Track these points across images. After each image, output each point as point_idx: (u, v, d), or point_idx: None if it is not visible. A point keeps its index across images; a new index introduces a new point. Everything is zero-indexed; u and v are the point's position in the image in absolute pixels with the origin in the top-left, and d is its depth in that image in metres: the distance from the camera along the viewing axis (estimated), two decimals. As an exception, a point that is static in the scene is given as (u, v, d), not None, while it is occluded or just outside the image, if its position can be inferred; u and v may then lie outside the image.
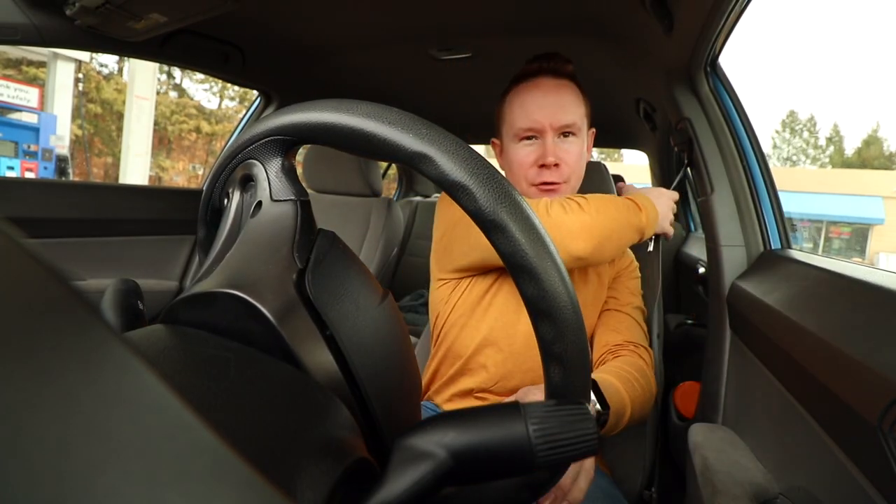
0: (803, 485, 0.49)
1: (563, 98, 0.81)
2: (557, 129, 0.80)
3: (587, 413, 0.26)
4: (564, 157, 0.81)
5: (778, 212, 0.86)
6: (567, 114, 0.81)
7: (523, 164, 0.83)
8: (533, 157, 0.81)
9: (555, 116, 0.80)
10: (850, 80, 58.91)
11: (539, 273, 0.25)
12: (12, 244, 0.12)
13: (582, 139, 0.83)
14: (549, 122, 0.80)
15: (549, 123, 0.80)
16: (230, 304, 0.26)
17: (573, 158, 0.82)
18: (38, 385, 0.09)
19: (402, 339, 0.32)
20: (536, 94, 0.81)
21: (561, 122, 0.80)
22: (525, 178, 0.83)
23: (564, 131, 0.81)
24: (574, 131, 0.82)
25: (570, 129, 0.81)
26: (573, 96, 0.82)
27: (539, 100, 0.80)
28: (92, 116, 13.55)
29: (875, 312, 0.43)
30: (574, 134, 0.82)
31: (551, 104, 0.80)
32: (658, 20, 0.83)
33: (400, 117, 0.27)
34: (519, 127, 0.81)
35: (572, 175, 0.82)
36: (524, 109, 0.81)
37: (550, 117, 0.80)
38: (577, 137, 0.82)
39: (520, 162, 0.83)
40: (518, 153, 0.83)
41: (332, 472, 0.20)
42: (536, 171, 0.82)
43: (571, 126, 0.81)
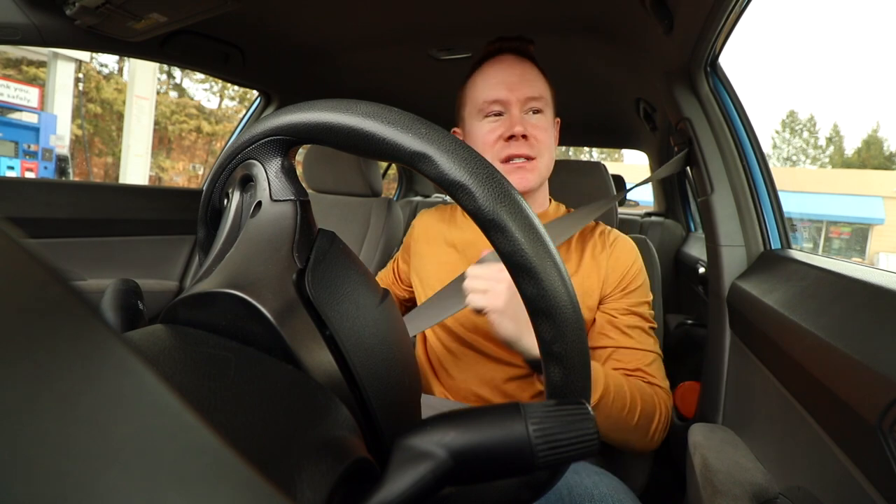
0: (803, 485, 0.49)
1: (527, 72, 0.77)
2: (523, 101, 0.76)
3: (587, 413, 0.26)
4: (532, 130, 0.75)
5: (778, 212, 0.86)
6: (533, 87, 0.76)
7: (487, 140, 0.77)
8: (499, 131, 0.76)
9: (520, 89, 0.75)
10: (850, 80, 58.93)
11: (538, 272, 0.25)
12: (12, 244, 0.12)
13: (549, 119, 0.78)
14: (515, 94, 0.75)
15: (516, 96, 0.75)
16: (230, 304, 0.26)
17: (542, 134, 0.76)
18: (38, 385, 0.09)
19: (402, 339, 0.32)
20: (500, 67, 0.77)
21: (526, 93, 0.75)
22: (490, 156, 0.76)
23: (532, 106, 0.76)
24: (541, 107, 0.77)
25: (536, 102, 0.76)
26: (537, 73, 0.79)
27: (502, 73, 0.76)
28: (92, 116, 13.55)
29: (875, 312, 0.43)
30: (541, 111, 0.77)
31: (516, 76, 0.76)
32: (658, 20, 0.83)
33: (399, 117, 0.27)
34: (483, 100, 0.76)
35: (544, 152, 0.77)
36: (486, 83, 0.77)
37: (516, 89, 0.75)
38: (544, 115, 0.78)
39: (483, 139, 0.77)
40: (482, 129, 0.77)
41: (332, 472, 0.20)
42: (503, 145, 0.75)
43: (538, 99, 0.76)
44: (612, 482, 0.63)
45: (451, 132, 0.82)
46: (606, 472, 0.66)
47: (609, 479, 0.64)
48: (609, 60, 1.21)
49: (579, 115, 1.80)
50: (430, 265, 0.86)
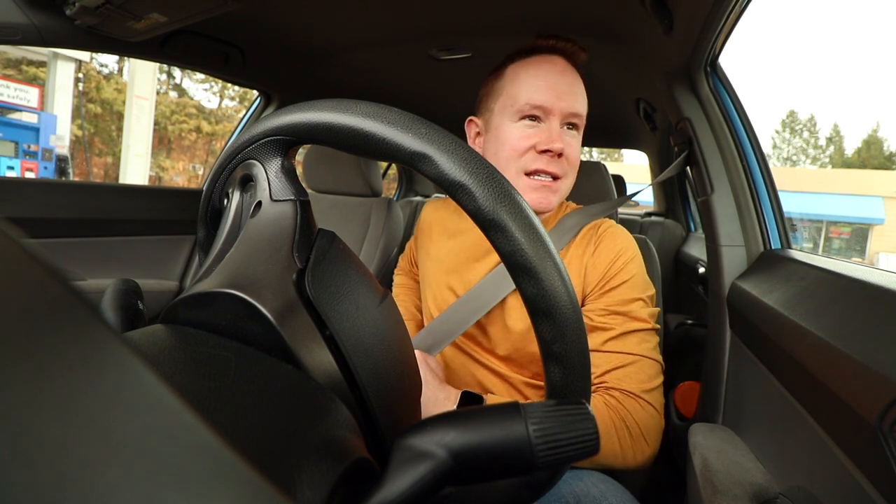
0: (803, 485, 0.49)
1: (577, 85, 0.72)
2: (566, 115, 0.70)
3: (587, 413, 0.26)
4: (569, 149, 0.70)
5: (778, 212, 0.86)
6: (579, 102, 0.71)
7: (518, 147, 0.69)
8: (534, 140, 0.69)
9: (568, 100, 0.69)
10: (850, 80, 58.94)
11: (538, 272, 0.25)
12: (12, 244, 0.12)
13: (580, 137, 0.74)
14: (562, 105, 0.69)
15: (561, 107, 0.69)
16: (230, 304, 0.26)
17: (575, 154, 0.72)
18: (38, 385, 0.09)
19: (402, 339, 0.32)
20: (551, 69, 0.70)
21: (572, 108, 0.69)
22: (516, 165, 0.70)
23: (571, 121, 0.71)
24: (579, 124, 0.72)
25: (577, 119, 0.71)
26: (582, 87, 0.73)
27: (554, 77, 0.69)
28: (92, 116, 13.56)
29: (875, 312, 0.43)
30: (578, 128, 0.73)
31: (567, 85, 0.70)
32: (658, 20, 0.83)
33: (399, 117, 0.27)
34: (525, 102, 0.69)
35: (570, 173, 0.72)
36: (533, 83, 0.69)
37: (564, 99, 0.69)
38: (579, 132, 0.73)
39: (514, 144, 0.69)
40: (514, 132, 0.70)
41: (332, 472, 0.20)
42: (534, 157, 0.69)
43: (579, 118, 0.71)
44: (613, 487, 0.63)
45: (467, 121, 0.80)
46: (607, 475, 0.66)
47: (611, 483, 0.63)
48: (609, 60, 1.21)
49: None
50: (431, 258, 0.84)
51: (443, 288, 0.80)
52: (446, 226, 0.85)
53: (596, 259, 0.70)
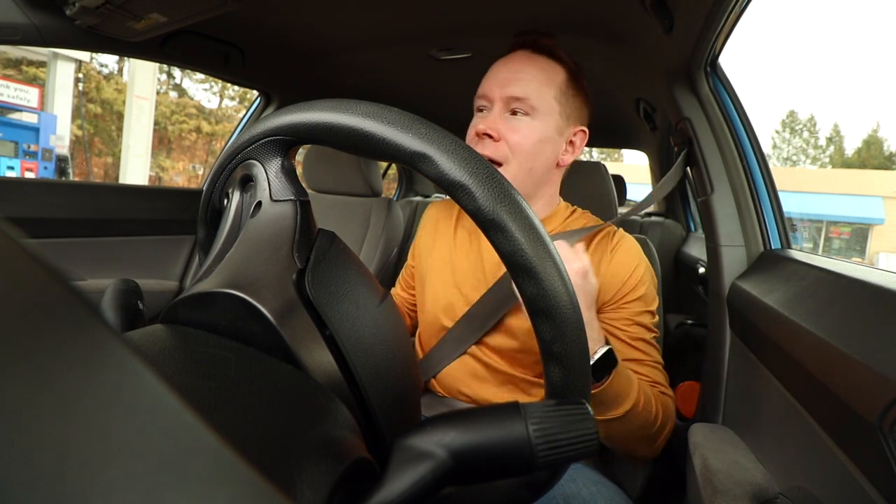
0: (803, 485, 0.49)
1: (523, 70, 0.71)
2: (506, 100, 0.70)
3: (587, 413, 0.26)
4: (507, 133, 0.69)
5: (778, 212, 0.86)
6: (519, 85, 0.70)
7: (469, 135, 0.73)
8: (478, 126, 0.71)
9: (504, 86, 0.70)
10: (850, 80, 58.96)
11: (538, 272, 0.25)
12: (12, 244, 0.12)
13: (540, 122, 0.71)
14: (499, 91, 0.70)
15: (499, 93, 0.70)
16: (230, 304, 0.26)
17: (518, 139, 0.69)
18: (38, 385, 0.09)
19: (402, 339, 0.32)
20: (503, 62, 0.74)
21: (511, 92, 0.69)
22: None
23: (515, 107, 0.70)
24: (525, 109, 0.70)
25: (520, 103, 0.70)
26: (539, 72, 0.71)
27: (497, 69, 0.73)
28: (92, 116, 13.56)
29: (875, 312, 0.43)
30: (526, 113, 0.70)
31: (510, 73, 0.71)
32: (658, 20, 0.83)
33: (399, 117, 0.27)
34: (477, 95, 0.74)
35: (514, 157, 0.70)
36: (486, 78, 0.74)
37: (502, 86, 0.70)
38: (531, 119, 0.70)
39: (469, 133, 0.74)
40: (472, 123, 0.74)
41: (332, 472, 0.20)
42: (475, 142, 0.71)
43: (521, 100, 0.69)
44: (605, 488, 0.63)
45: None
46: (604, 478, 0.66)
47: (603, 485, 0.63)
48: (609, 60, 1.21)
49: None
50: (434, 260, 0.82)
51: (449, 291, 0.78)
52: (450, 231, 0.84)
53: (616, 268, 0.72)
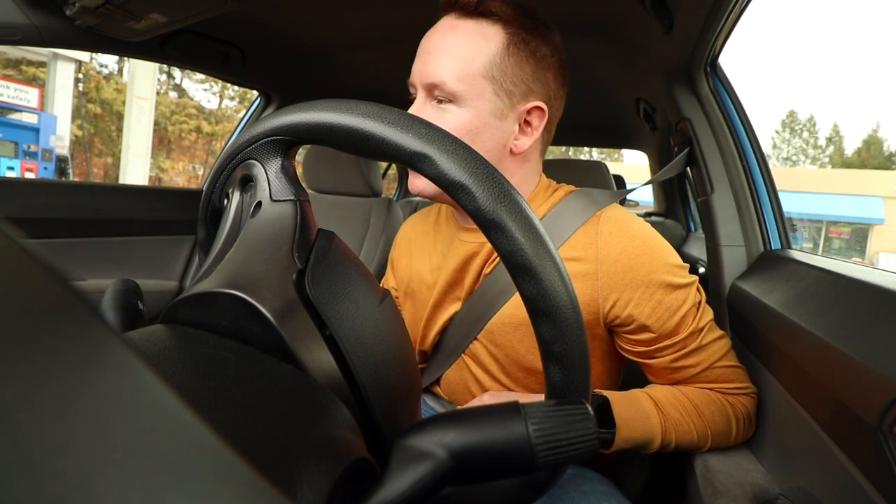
0: (803, 485, 0.49)
1: (443, 44, 0.57)
2: (426, 87, 0.58)
3: (587, 413, 0.26)
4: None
5: (778, 212, 0.86)
6: (434, 67, 0.56)
7: None
8: None
9: (422, 69, 0.58)
10: (851, 80, 58.95)
11: (538, 272, 0.25)
12: (12, 244, 0.12)
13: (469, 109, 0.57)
14: (417, 75, 0.59)
15: (421, 80, 0.59)
16: (230, 304, 0.26)
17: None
18: (38, 385, 0.09)
19: (402, 339, 0.32)
20: (424, 38, 0.60)
21: (425, 77, 0.57)
22: None
23: (437, 95, 0.57)
24: (446, 96, 0.57)
25: (438, 90, 0.57)
26: (462, 43, 0.56)
27: (421, 45, 0.60)
28: (92, 116, 13.57)
29: (875, 312, 0.43)
30: (450, 101, 0.57)
31: (425, 51, 0.59)
32: (658, 20, 0.83)
33: (399, 117, 0.27)
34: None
35: None
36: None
37: (418, 69, 0.59)
38: (458, 106, 0.57)
39: None
40: None
41: (332, 472, 0.20)
42: None
43: (438, 87, 0.56)
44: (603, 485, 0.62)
45: None
46: (603, 476, 0.66)
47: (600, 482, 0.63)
48: (609, 60, 1.21)
49: (579, 115, 1.80)
50: (415, 279, 0.75)
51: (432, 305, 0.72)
52: (428, 247, 0.76)
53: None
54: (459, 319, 0.69)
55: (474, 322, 0.67)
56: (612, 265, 0.59)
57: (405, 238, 0.81)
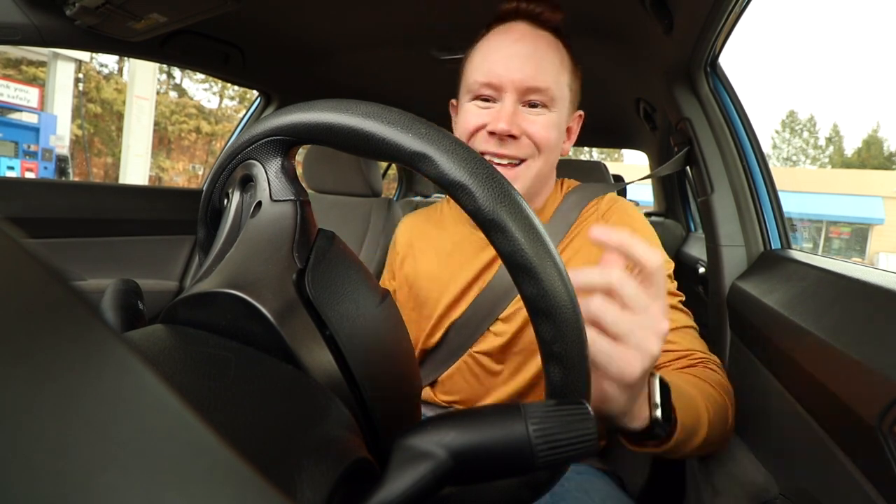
0: (803, 485, 0.49)
1: (538, 51, 0.60)
2: (522, 90, 0.60)
3: (587, 413, 0.26)
4: (529, 127, 0.61)
5: (778, 212, 0.86)
6: (539, 73, 0.60)
7: (467, 127, 0.63)
8: (483, 119, 0.62)
9: (521, 72, 0.59)
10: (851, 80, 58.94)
11: (538, 272, 0.25)
12: (12, 244, 0.12)
13: (558, 114, 0.62)
14: (513, 78, 0.60)
15: (512, 81, 0.60)
16: (230, 304, 0.26)
17: (539, 133, 0.61)
18: (38, 385, 0.09)
19: (402, 339, 0.32)
20: (504, 41, 0.62)
21: (528, 81, 0.59)
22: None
23: (532, 99, 0.61)
24: (545, 101, 0.61)
25: (539, 94, 0.60)
26: (554, 54, 0.61)
27: (505, 48, 0.61)
28: (92, 116, 13.57)
29: (875, 312, 0.43)
30: (545, 105, 0.61)
31: (519, 55, 0.60)
32: (658, 20, 0.83)
33: (399, 117, 0.27)
34: (473, 80, 0.63)
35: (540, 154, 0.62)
36: (484, 58, 0.62)
37: (515, 72, 0.60)
38: (550, 110, 0.62)
39: (464, 125, 0.64)
40: (467, 112, 0.64)
41: (332, 472, 0.20)
42: (483, 138, 0.62)
43: (542, 91, 0.60)
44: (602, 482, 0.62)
45: (450, 104, 0.76)
46: (603, 472, 0.66)
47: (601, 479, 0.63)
48: (609, 60, 1.21)
49: None
50: (422, 277, 0.74)
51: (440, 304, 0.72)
52: (436, 244, 0.76)
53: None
54: (466, 318, 0.70)
55: (481, 321, 0.68)
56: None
57: (405, 238, 0.80)
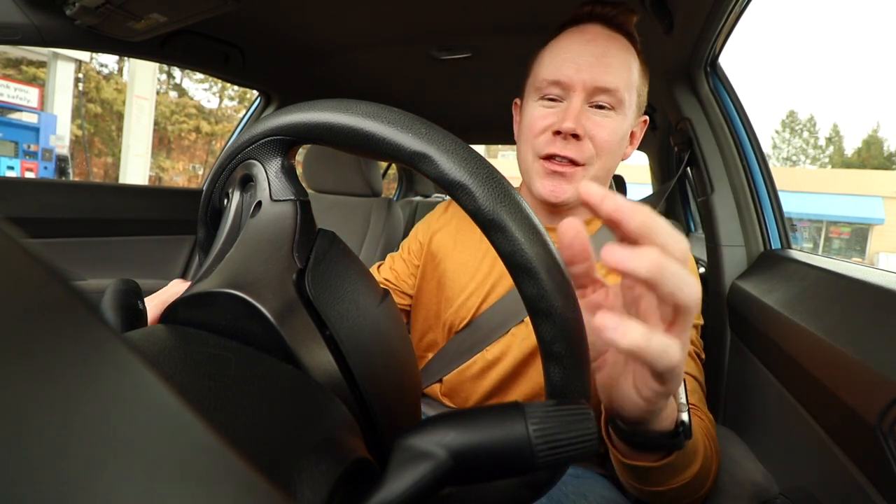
0: (803, 485, 0.49)
1: (609, 52, 0.60)
2: (591, 90, 0.60)
3: (587, 413, 0.26)
4: (593, 129, 0.60)
5: (778, 212, 0.87)
6: (609, 73, 0.59)
7: (533, 126, 0.62)
8: (549, 119, 0.61)
9: (591, 72, 0.59)
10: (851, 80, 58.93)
11: (538, 272, 0.25)
12: (12, 244, 0.12)
13: (624, 118, 0.61)
14: (582, 77, 0.59)
15: (582, 80, 0.59)
16: (230, 304, 0.26)
17: (604, 136, 0.60)
18: (38, 385, 0.09)
19: (401, 339, 0.32)
20: (576, 41, 0.61)
21: (598, 81, 0.59)
22: (532, 147, 0.63)
23: (599, 100, 0.60)
24: (613, 103, 0.60)
25: (607, 95, 0.59)
26: (626, 56, 0.61)
27: (576, 48, 0.61)
28: (92, 116, 13.56)
29: (875, 312, 0.43)
30: (612, 108, 0.60)
31: (590, 55, 0.60)
32: (658, 20, 0.83)
33: (399, 117, 0.27)
34: (542, 78, 0.62)
35: (599, 158, 0.61)
36: (554, 57, 0.62)
37: (584, 71, 0.59)
38: (617, 113, 0.61)
39: (530, 125, 0.63)
40: (532, 113, 0.63)
41: (332, 472, 0.20)
42: (549, 139, 0.61)
43: (611, 92, 0.59)
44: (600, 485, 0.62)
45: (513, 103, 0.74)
46: (601, 475, 0.66)
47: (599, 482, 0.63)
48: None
49: None
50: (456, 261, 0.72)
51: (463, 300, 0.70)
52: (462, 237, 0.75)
53: None
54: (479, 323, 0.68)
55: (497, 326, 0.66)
56: None
57: (435, 235, 0.77)
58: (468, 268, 0.71)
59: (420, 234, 0.80)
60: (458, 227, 0.76)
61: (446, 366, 0.71)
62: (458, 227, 0.76)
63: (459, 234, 0.75)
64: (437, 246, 0.76)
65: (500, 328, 0.66)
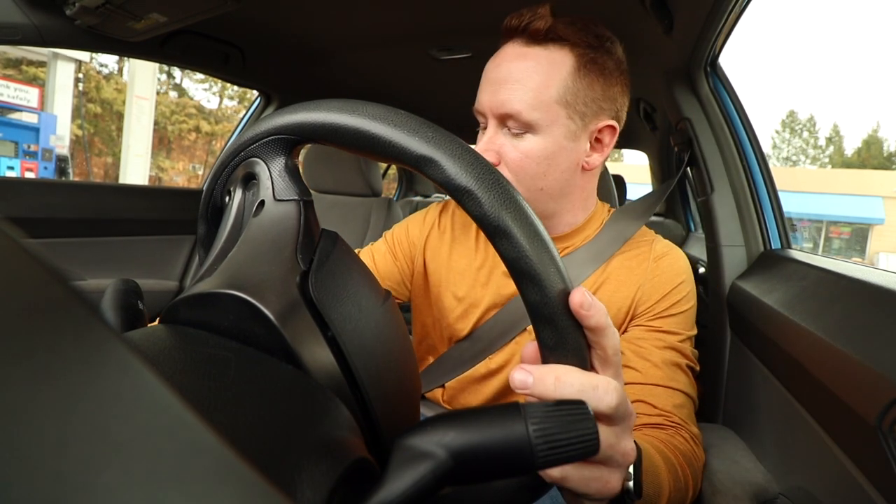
0: (803, 485, 0.49)
1: (512, 75, 0.57)
2: (499, 116, 0.58)
3: (587, 413, 0.26)
4: (506, 153, 0.58)
5: (778, 212, 0.87)
6: (508, 97, 0.56)
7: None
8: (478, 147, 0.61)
9: (492, 99, 0.58)
10: (851, 80, 58.94)
11: (542, 279, 0.25)
12: (12, 244, 0.12)
13: (544, 136, 0.57)
14: (490, 105, 0.58)
15: (490, 108, 0.58)
16: (232, 304, 0.26)
17: (517, 156, 0.57)
18: (38, 385, 0.09)
19: (402, 340, 0.32)
20: (490, 66, 0.60)
21: (500, 108, 0.57)
22: None
23: (509, 125, 0.58)
24: (520, 126, 0.57)
25: (512, 120, 0.57)
26: (533, 72, 0.56)
27: (488, 74, 0.60)
28: (92, 116, 13.56)
29: (875, 312, 0.43)
30: (527, 130, 0.57)
31: (493, 81, 0.58)
32: (658, 20, 0.83)
33: (406, 120, 0.27)
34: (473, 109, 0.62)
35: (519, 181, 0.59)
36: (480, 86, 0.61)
37: (489, 98, 0.58)
38: (534, 134, 0.57)
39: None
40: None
41: (332, 472, 0.20)
42: None
43: (513, 118, 0.56)
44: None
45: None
46: None
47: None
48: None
49: None
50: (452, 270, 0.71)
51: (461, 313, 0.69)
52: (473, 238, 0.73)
53: (658, 280, 0.61)
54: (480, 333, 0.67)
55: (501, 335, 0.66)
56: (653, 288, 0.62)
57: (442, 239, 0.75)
58: (465, 278, 0.69)
59: (413, 232, 0.77)
60: (454, 235, 0.74)
61: (448, 372, 0.71)
62: (454, 236, 0.74)
63: (455, 243, 0.73)
64: (433, 252, 0.74)
65: (502, 338, 0.66)
